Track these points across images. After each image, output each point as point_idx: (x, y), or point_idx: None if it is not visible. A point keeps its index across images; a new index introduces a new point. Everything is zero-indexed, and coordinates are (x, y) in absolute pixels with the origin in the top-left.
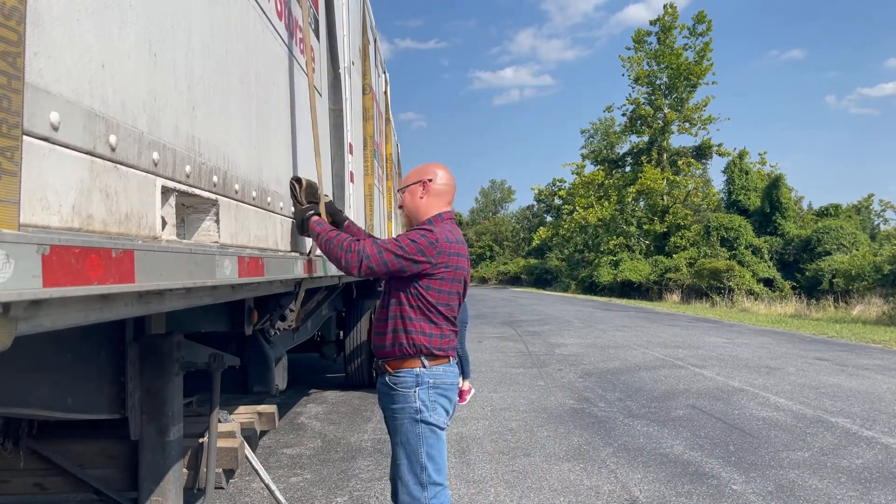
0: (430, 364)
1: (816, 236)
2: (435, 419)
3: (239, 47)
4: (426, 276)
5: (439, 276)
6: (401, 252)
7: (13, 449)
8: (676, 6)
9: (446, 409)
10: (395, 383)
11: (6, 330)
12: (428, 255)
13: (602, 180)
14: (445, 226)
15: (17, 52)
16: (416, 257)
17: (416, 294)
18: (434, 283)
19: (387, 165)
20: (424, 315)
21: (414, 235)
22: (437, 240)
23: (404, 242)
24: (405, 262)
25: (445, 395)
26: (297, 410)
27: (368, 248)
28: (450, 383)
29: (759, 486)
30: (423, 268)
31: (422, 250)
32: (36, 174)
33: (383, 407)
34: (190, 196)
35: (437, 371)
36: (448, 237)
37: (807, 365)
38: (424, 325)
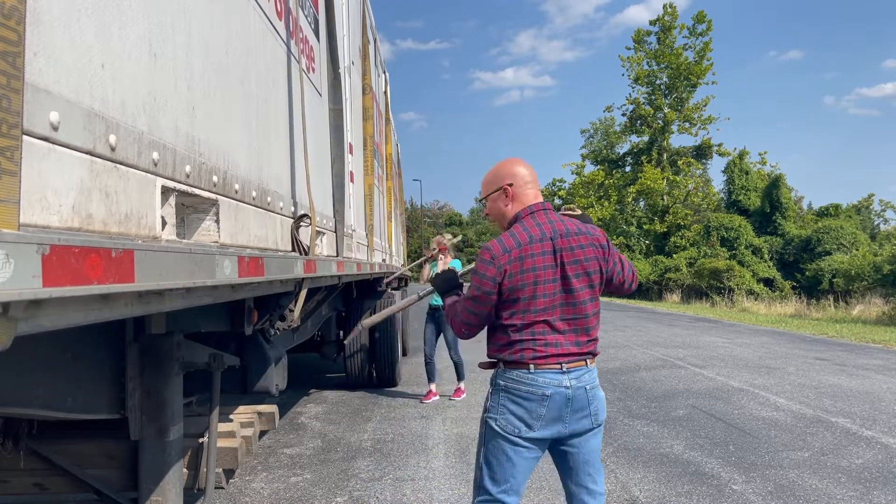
0: (505, 367)
1: (816, 236)
2: (499, 423)
3: (239, 47)
4: (504, 287)
5: (508, 283)
6: (475, 293)
7: (13, 449)
8: (676, 6)
9: (521, 419)
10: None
11: (6, 330)
12: (492, 273)
13: (602, 180)
14: (523, 225)
15: (17, 52)
16: (479, 293)
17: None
18: (506, 289)
19: (387, 165)
20: (498, 320)
21: (477, 266)
22: (493, 256)
23: (473, 281)
24: (482, 296)
25: (519, 402)
26: (297, 410)
27: (455, 311)
28: (525, 391)
29: (759, 486)
30: (494, 285)
31: (485, 276)
32: (36, 174)
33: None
34: (190, 196)
35: (511, 375)
36: (506, 244)
37: (807, 365)
38: (497, 332)
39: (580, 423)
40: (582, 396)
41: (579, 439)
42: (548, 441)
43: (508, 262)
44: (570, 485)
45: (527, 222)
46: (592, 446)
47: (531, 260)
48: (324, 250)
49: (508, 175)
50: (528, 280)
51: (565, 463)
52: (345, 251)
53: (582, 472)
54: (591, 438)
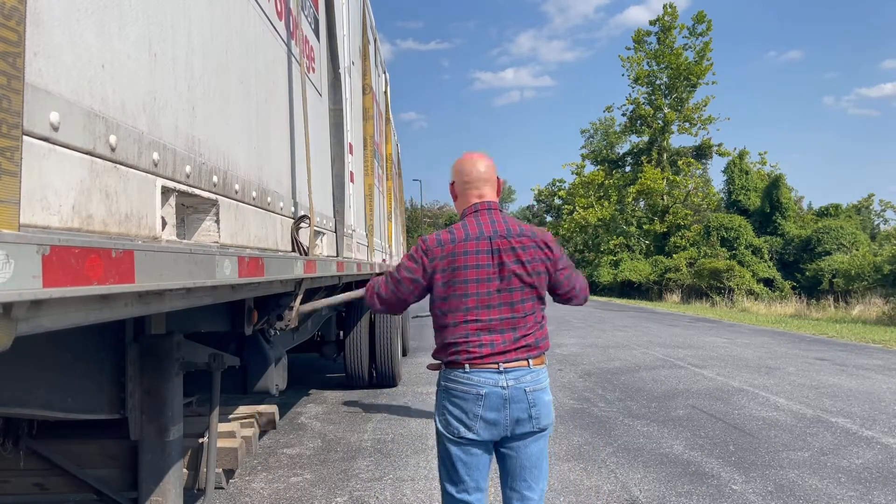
0: (446, 368)
1: (816, 236)
2: (442, 424)
3: (239, 47)
4: (433, 283)
5: (440, 278)
6: (398, 273)
7: (13, 449)
8: (676, 6)
9: (459, 419)
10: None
11: (6, 330)
12: (422, 261)
13: (602, 180)
14: (464, 223)
15: (17, 52)
16: (403, 272)
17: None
18: (439, 286)
19: (387, 165)
20: (435, 320)
21: (410, 250)
22: (427, 247)
23: (401, 260)
24: (398, 279)
25: (456, 402)
26: (297, 410)
27: (375, 285)
28: (461, 390)
29: (759, 486)
30: (422, 273)
31: (415, 260)
32: (36, 174)
33: None
34: (190, 196)
35: (450, 375)
36: (441, 238)
37: (807, 365)
38: (437, 334)
39: (519, 425)
40: (521, 397)
41: (519, 443)
42: (491, 441)
43: (441, 256)
44: (505, 488)
45: (468, 221)
46: (532, 451)
47: (464, 258)
48: (324, 250)
49: (455, 172)
50: (459, 278)
51: (503, 466)
52: (345, 251)
53: (518, 478)
54: (531, 444)
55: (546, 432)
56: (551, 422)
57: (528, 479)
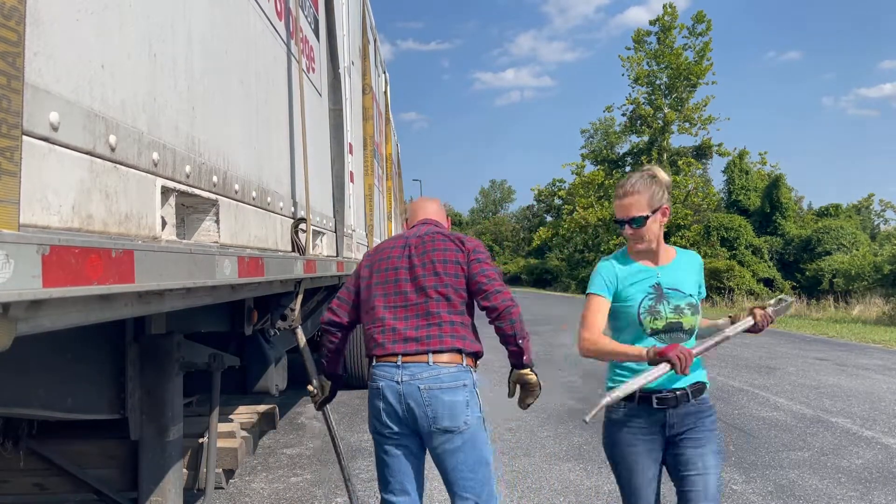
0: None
1: (816, 236)
2: (368, 420)
3: (239, 47)
4: (361, 280)
5: (364, 277)
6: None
7: (13, 449)
8: (676, 6)
9: (371, 413)
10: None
11: (6, 330)
12: (357, 269)
13: (602, 180)
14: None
15: (17, 52)
16: (349, 280)
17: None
18: (362, 286)
19: (387, 165)
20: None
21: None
22: (363, 255)
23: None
24: (345, 285)
25: (369, 397)
26: (297, 410)
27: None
28: (371, 385)
29: (759, 486)
30: (355, 279)
31: (349, 279)
32: (36, 174)
33: None
34: (190, 196)
35: (371, 369)
36: (374, 247)
37: (807, 365)
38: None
39: (419, 424)
40: (415, 395)
41: (434, 444)
42: (403, 435)
43: (367, 258)
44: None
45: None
46: (449, 455)
47: (380, 253)
48: (323, 250)
49: (409, 209)
50: (375, 280)
51: (438, 470)
52: (345, 251)
53: (447, 481)
54: (446, 445)
55: (457, 436)
56: (459, 425)
57: (454, 483)
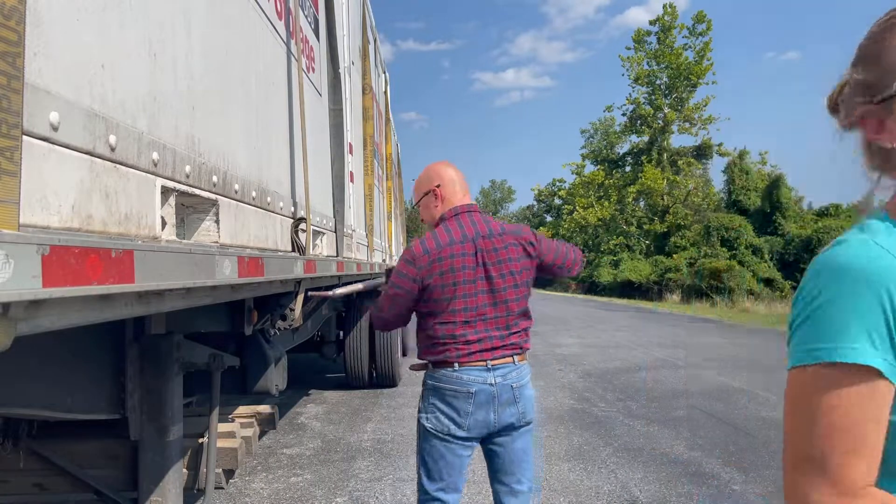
0: (433, 367)
1: (817, 236)
2: (430, 423)
3: (239, 47)
4: (425, 289)
5: (429, 284)
6: (392, 290)
7: (13, 449)
8: (676, 6)
9: (450, 417)
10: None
11: (6, 330)
12: (411, 273)
13: (602, 180)
14: (446, 226)
15: (17, 52)
16: (396, 289)
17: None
18: (427, 291)
19: (387, 165)
20: (422, 322)
21: (398, 265)
22: (413, 257)
23: (393, 279)
24: (393, 296)
25: (446, 401)
26: (297, 410)
27: (379, 301)
28: (451, 389)
29: (759, 486)
30: (414, 285)
31: (404, 275)
32: (36, 174)
33: None
34: (190, 196)
35: (438, 374)
36: (427, 245)
37: None
38: (422, 334)
39: (508, 420)
40: (508, 393)
41: (506, 438)
42: (478, 438)
43: (428, 263)
44: (494, 483)
45: (450, 224)
46: (519, 446)
47: (450, 261)
48: (324, 250)
49: (436, 177)
50: (447, 281)
51: (492, 462)
52: (345, 251)
53: (507, 472)
54: (518, 438)
55: (531, 426)
56: (534, 416)
57: (517, 472)
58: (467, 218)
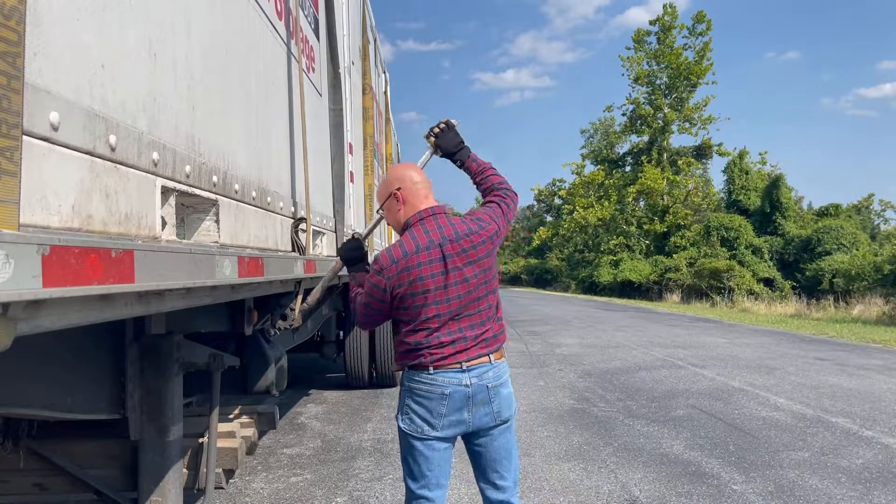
0: (410, 371)
1: (817, 236)
2: (405, 423)
3: (239, 47)
4: (395, 298)
5: (398, 292)
6: (364, 298)
7: (13, 449)
8: (676, 6)
9: (424, 418)
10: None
11: (6, 330)
12: (381, 284)
13: (602, 180)
14: (411, 233)
15: (17, 52)
16: (368, 297)
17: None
18: (397, 298)
19: (387, 165)
20: (395, 328)
21: (370, 275)
22: (381, 267)
23: (366, 287)
24: (366, 303)
25: (420, 402)
26: (297, 410)
27: (355, 301)
28: (425, 391)
29: (759, 486)
30: (384, 294)
31: (374, 284)
32: (36, 174)
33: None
34: (190, 196)
35: (413, 376)
36: (394, 255)
37: (807, 365)
38: (398, 340)
39: (482, 420)
40: (483, 394)
41: (486, 438)
42: (454, 438)
43: (396, 273)
44: (479, 481)
45: (416, 230)
46: (500, 444)
47: (418, 270)
48: (323, 250)
49: (397, 180)
50: (417, 290)
51: (475, 461)
52: None
53: (490, 469)
54: (497, 437)
55: (509, 424)
56: (513, 413)
57: (500, 469)
58: (433, 222)
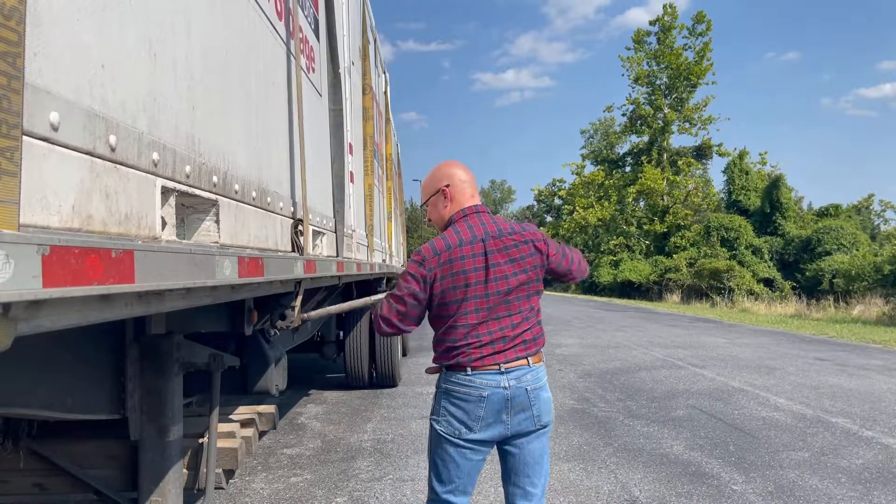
0: (447, 371)
1: (817, 236)
2: (441, 426)
3: (239, 47)
4: (435, 291)
5: (439, 286)
6: (399, 291)
7: (13, 449)
8: (676, 6)
9: (461, 420)
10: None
11: (6, 330)
12: (421, 274)
13: (602, 180)
14: (455, 228)
15: (17, 52)
16: (404, 290)
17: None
18: (437, 294)
19: (387, 165)
20: (435, 326)
21: (407, 267)
22: (423, 258)
23: (401, 280)
24: (400, 297)
25: (458, 405)
26: (297, 410)
27: (381, 305)
28: (463, 393)
29: (759, 486)
30: (422, 285)
31: (413, 275)
32: (36, 174)
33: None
34: (190, 196)
35: (451, 378)
36: (436, 246)
37: (807, 365)
38: (437, 339)
39: (522, 424)
40: (522, 397)
41: (522, 440)
42: (492, 442)
43: (438, 265)
44: (507, 485)
45: (459, 225)
46: (534, 448)
47: (461, 262)
48: (324, 250)
49: (446, 177)
50: (458, 283)
51: (506, 464)
52: (345, 251)
53: (521, 474)
54: (533, 440)
55: (547, 429)
56: (552, 419)
57: (532, 475)
58: (476, 219)
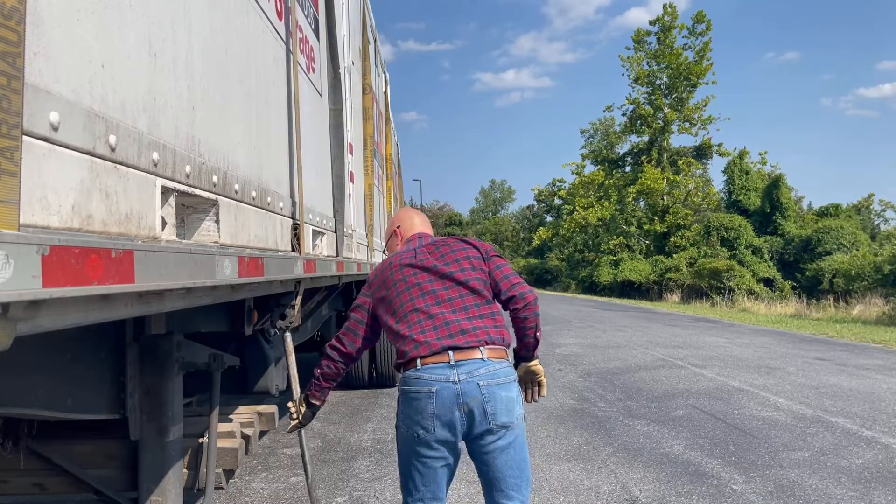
0: (403, 371)
1: (817, 236)
2: (400, 427)
3: (239, 47)
4: (380, 301)
5: (383, 297)
6: (347, 321)
7: (13, 449)
8: (676, 6)
9: (415, 420)
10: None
11: (6, 330)
12: (365, 294)
13: (602, 180)
14: (398, 250)
15: (17, 52)
16: (356, 305)
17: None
18: (380, 304)
19: (387, 165)
20: (390, 337)
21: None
22: (367, 283)
23: (351, 312)
24: (353, 312)
25: (410, 402)
26: None
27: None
28: (414, 390)
29: (759, 486)
30: (366, 301)
31: (362, 294)
32: (36, 174)
33: None
34: (190, 196)
35: (405, 376)
36: (378, 268)
37: (807, 365)
38: (394, 345)
39: (476, 423)
40: (474, 392)
41: (487, 451)
42: (451, 444)
43: (376, 276)
44: (485, 496)
45: (401, 248)
46: (502, 459)
47: (399, 272)
48: (323, 250)
49: (398, 220)
50: (400, 289)
51: (480, 474)
52: (345, 251)
53: (493, 487)
54: (500, 448)
55: (510, 432)
56: (514, 420)
57: (504, 487)
58: (416, 241)
